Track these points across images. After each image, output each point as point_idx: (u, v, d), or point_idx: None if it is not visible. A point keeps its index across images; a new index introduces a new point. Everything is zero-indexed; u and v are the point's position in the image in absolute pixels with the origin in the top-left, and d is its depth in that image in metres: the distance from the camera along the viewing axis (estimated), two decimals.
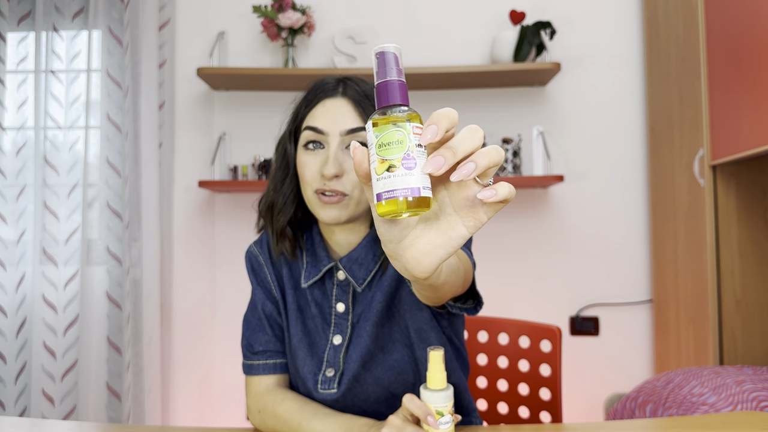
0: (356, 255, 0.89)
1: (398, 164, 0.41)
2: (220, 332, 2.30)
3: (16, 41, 2.28)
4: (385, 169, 0.42)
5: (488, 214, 0.46)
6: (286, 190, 0.91)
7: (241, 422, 2.27)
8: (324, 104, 0.86)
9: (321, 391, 0.89)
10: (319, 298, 0.93)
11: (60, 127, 2.21)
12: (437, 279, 0.56)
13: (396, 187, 0.41)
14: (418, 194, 0.41)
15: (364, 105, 0.85)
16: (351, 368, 0.88)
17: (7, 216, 2.21)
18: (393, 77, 0.44)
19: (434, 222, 0.47)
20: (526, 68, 2.07)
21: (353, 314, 0.91)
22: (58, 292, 2.17)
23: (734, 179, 1.74)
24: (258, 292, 0.97)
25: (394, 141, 0.42)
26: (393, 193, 0.41)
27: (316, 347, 0.91)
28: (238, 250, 2.30)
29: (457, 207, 0.46)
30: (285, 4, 2.14)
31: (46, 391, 2.13)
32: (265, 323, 0.95)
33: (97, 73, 2.21)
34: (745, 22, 1.57)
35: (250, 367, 0.95)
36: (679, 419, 0.96)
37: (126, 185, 2.16)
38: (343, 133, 0.83)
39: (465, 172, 0.42)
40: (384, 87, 0.44)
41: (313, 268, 0.92)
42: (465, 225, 0.46)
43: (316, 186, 0.84)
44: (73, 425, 0.98)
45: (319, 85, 0.89)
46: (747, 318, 1.72)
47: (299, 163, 0.87)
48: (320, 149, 0.85)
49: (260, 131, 2.30)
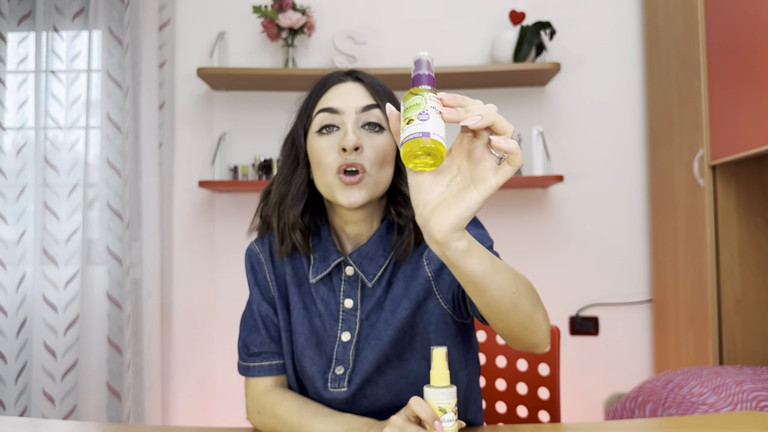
0: (366, 250, 0.88)
1: (415, 118, 0.56)
2: (220, 332, 2.30)
3: (17, 41, 2.28)
4: (406, 123, 0.57)
5: (497, 179, 0.57)
6: (297, 181, 0.88)
7: (242, 422, 2.27)
8: (337, 88, 0.87)
9: (331, 390, 0.88)
10: (325, 294, 0.91)
11: (60, 127, 2.21)
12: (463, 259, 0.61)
13: (412, 132, 0.56)
14: (429, 136, 0.55)
15: (375, 87, 0.87)
16: (363, 368, 0.87)
17: (7, 216, 2.21)
18: (423, 72, 0.60)
19: (456, 192, 0.58)
20: (525, 68, 2.07)
21: (361, 310, 0.90)
22: (58, 292, 2.17)
23: (734, 179, 1.74)
24: (254, 292, 0.95)
25: (413, 104, 0.57)
26: (409, 137, 0.56)
27: (324, 345, 0.90)
28: (239, 249, 2.30)
29: (474, 177, 0.58)
30: (285, 5, 2.14)
31: (46, 390, 2.13)
32: (260, 324, 0.94)
33: (97, 74, 2.22)
34: (745, 23, 1.57)
35: (246, 369, 0.94)
36: (678, 419, 0.96)
37: (126, 185, 2.16)
38: (358, 110, 0.84)
39: (472, 121, 0.56)
40: (417, 77, 0.60)
41: (321, 263, 0.90)
42: (477, 191, 0.57)
43: (337, 164, 0.82)
44: (74, 425, 0.99)
45: (327, 75, 0.90)
46: (747, 318, 1.72)
47: (313, 149, 0.85)
48: (335, 132, 0.84)
49: (260, 131, 2.30)
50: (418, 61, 0.61)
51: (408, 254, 0.87)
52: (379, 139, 0.84)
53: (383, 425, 0.75)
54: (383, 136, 0.85)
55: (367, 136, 0.84)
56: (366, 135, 0.84)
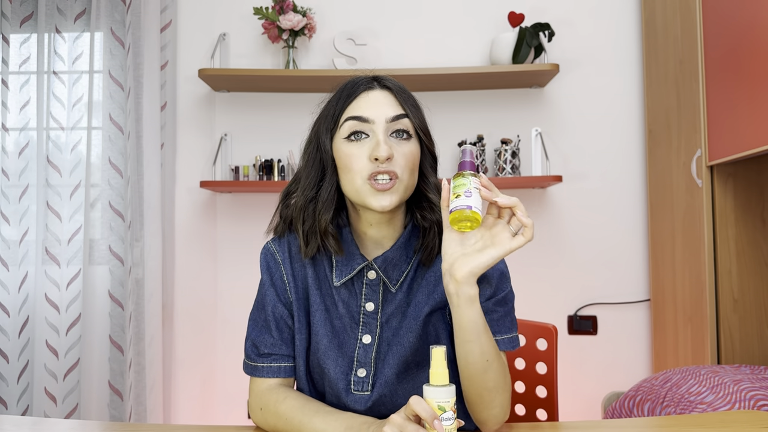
0: (391, 256, 0.90)
1: (462, 194, 0.77)
2: (221, 331, 2.31)
3: (19, 42, 2.29)
4: (455, 197, 0.78)
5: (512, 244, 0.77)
6: (327, 186, 0.89)
7: (243, 420, 2.28)
8: (366, 95, 0.89)
9: (354, 392, 0.89)
10: (346, 297, 0.92)
11: (62, 127, 2.22)
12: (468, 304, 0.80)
13: (459, 204, 0.77)
14: (471, 209, 0.76)
15: (403, 95, 0.90)
16: (385, 372, 0.89)
17: (9, 216, 2.22)
18: (467, 159, 0.81)
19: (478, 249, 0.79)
20: (524, 70, 2.08)
21: (382, 313, 0.91)
22: (60, 292, 2.18)
23: (732, 179, 1.75)
24: (270, 293, 0.95)
25: (460, 183, 0.78)
26: (457, 207, 0.77)
27: (345, 347, 0.91)
28: (240, 249, 2.32)
29: (494, 241, 0.78)
30: (286, 6, 2.15)
31: (48, 389, 2.14)
32: (273, 325, 0.94)
33: (99, 75, 2.23)
34: (743, 24, 1.58)
35: (255, 369, 0.94)
36: (676, 418, 0.97)
37: (128, 185, 2.17)
38: (388, 120, 0.86)
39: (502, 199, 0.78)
40: (463, 163, 0.81)
41: (345, 267, 0.91)
42: (495, 249, 0.78)
43: (368, 172, 0.84)
44: (75, 424, 0.99)
45: (354, 81, 0.91)
46: (744, 317, 1.73)
47: (342, 155, 0.87)
48: (364, 138, 0.86)
49: (261, 132, 2.31)
50: (464, 150, 0.82)
51: (432, 258, 0.91)
52: (408, 147, 0.87)
53: (383, 423, 0.76)
54: (411, 144, 0.88)
55: (396, 144, 0.87)
56: (395, 142, 0.87)
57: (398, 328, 0.91)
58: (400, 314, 0.91)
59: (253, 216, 2.32)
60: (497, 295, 0.90)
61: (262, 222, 2.30)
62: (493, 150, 2.21)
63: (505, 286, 0.91)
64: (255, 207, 2.32)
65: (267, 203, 2.33)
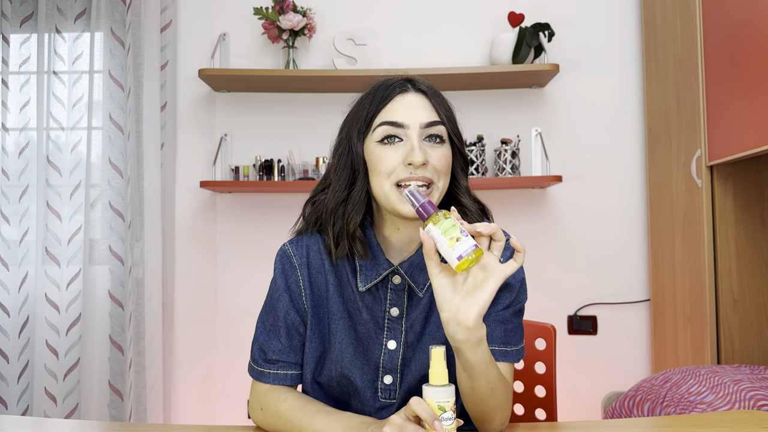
0: (418, 260, 0.89)
1: (461, 236, 0.73)
2: (221, 331, 2.31)
3: (19, 42, 2.29)
4: (456, 241, 0.72)
5: (506, 270, 0.74)
6: (358, 189, 0.88)
7: (243, 420, 2.28)
8: (401, 99, 0.88)
9: (382, 400, 0.89)
10: (370, 302, 0.91)
11: (62, 128, 2.22)
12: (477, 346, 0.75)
13: (467, 247, 0.72)
14: (477, 247, 0.73)
15: (437, 98, 0.90)
16: (409, 379, 0.89)
17: (10, 216, 2.22)
18: (422, 200, 0.77)
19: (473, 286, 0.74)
20: (524, 70, 2.08)
21: (407, 318, 0.90)
22: (60, 292, 2.18)
23: (731, 179, 1.75)
24: (284, 298, 0.92)
25: (449, 227, 0.73)
26: (465, 252, 0.72)
27: (370, 353, 0.90)
28: (240, 249, 2.32)
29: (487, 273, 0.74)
30: (286, 6, 2.15)
31: (48, 389, 2.14)
32: (283, 332, 0.92)
33: (99, 75, 2.23)
34: (742, 24, 1.58)
35: (260, 374, 0.92)
36: (676, 418, 0.97)
37: (128, 185, 2.17)
38: (423, 125, 0.86)
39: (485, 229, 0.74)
40: (423, 206, 0.77)
41: (371, 272, 0.90)
42: (492, 280, 0.73)
43: (398, 177, 0.84)
44: (76, 424, 1.00)
45: (387, 84, 0.90)
46: (744, 317, 1.73)
47: (374, 157, 0.86)
48: (398, 142, 0.86)
49: (262, 132, 2.31)
50: (412, 193, 0.79)
51: None
52: (441, 151, 0.87)
53: (383, 424, 0.76)
54: (444, 148, 0.88)
55: (430, 148, 0.86)
56: (428, 147, 0.86)
57: (421, 333, 0.90)
58: (423, 319, 0.90)
59: (253, 216, 2.32)
60: (515, 304, 0.90)
61: (262, 222, 2.32)
62: (493, 150, 2.21)
63: (524, 296, 0.91)
64: (255, 207, 2.32)
65: (267, 203, 2.33)
